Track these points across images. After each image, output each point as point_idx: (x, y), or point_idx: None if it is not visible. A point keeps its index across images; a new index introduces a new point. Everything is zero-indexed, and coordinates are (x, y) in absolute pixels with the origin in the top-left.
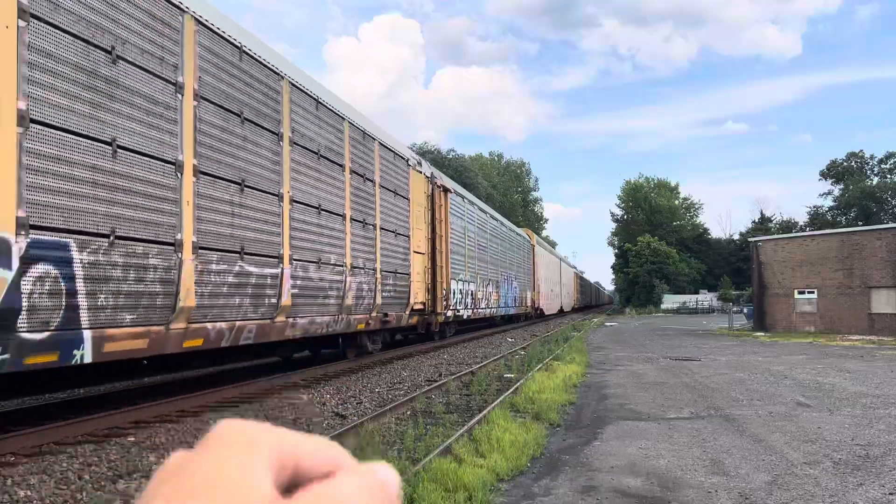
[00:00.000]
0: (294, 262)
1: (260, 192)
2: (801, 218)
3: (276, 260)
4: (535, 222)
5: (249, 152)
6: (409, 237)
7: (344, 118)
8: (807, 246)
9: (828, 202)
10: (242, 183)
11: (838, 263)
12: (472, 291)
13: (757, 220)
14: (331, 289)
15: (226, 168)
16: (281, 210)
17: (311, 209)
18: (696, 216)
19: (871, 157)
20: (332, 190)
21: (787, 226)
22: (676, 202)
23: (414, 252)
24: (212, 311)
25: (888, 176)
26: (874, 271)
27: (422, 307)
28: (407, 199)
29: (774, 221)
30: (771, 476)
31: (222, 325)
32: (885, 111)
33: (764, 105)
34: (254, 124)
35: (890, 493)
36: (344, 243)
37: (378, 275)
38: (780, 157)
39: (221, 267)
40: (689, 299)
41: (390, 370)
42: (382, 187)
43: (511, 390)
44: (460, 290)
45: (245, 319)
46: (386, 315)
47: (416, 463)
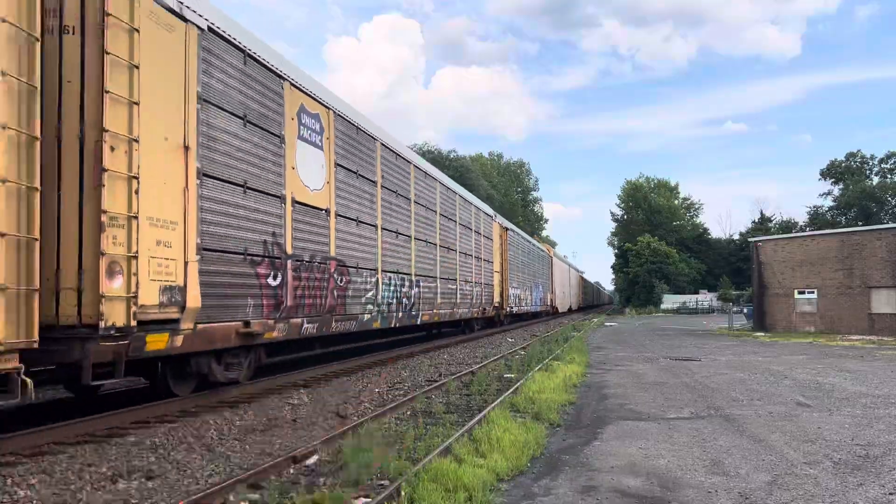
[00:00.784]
0: (459, 281)
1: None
2: (801, 218)
3: (456, 280)
4: (535, 222)
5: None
6: (492, 262)
7: (457, 193)
8: (807, 246)
9: (828, 202)
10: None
11: (838, 263)
12: (518, 295)
13: (757, 220)
14: (469, 297)
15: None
16: (456, 251)
17: (462, 254)
18: (696, 216)
19: (872, 157)
20: (466, 238)
21: (787, 226)
22: (676, 202)
23: (494, 271)
24: (430, 309)
25: (889, 176)
26: (874, 271)
27: (498, 305)
28: (491, 239)
29: (774, 221)
30: (771, 476)
31: (442, 312)
32: (885, 111)
33: (763, 105)
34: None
35: (890, 493)
36: (471, 269)
37: (482, 286)
38: (779, 157)
39: (430, 285)
40: (689, 299)
41: (390, 370)
42: (484, 236)
43: (511, 390)
44: (513, 294)
45: (442, 310)
46: (484, 310)
47: (416, 463)
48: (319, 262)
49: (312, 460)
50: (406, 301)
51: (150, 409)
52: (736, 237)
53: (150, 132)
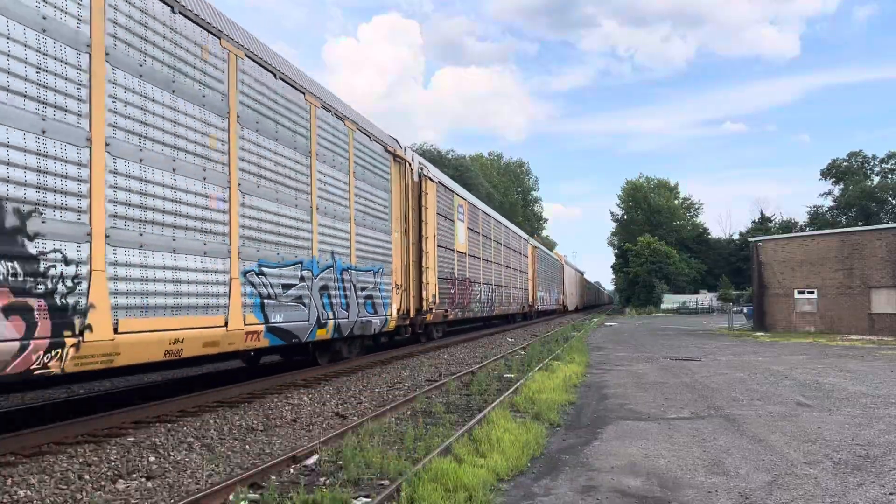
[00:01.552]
0: (511, 287)
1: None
2: (801, 218)
3: (509, 287)
4: (535, 222)
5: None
6: (527, 272)
7: (510, 228)
8: (807, 246)
9: (828, 202)
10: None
11: (838, 263)
12: (543, 296)
13: (757, 220)
14: (514, 298)
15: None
16: (510, 267)
17: (512, 269)
18: (696, 216)
19: (873, 157)
20: (514, 258)
21: (787, 226)
22: (676, 202)
23: (528, 279)
24: (499, 306)
25: (889, 176)
26: (874, 271)
27: (530, 304)
28: (526, 256)
29: (774, 221)
30: (771, 476)
31: (503, 308)
32: (884, 111)
33: (762, 105)
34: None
35: (890, 494)
36: (517, 279)
37: (521, 290)
38: (779, 157)
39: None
40: (689, 299)
41: (390, 370)
42: (521, 254)
43: (511, 390)
44: (539, 295)
45: (503, 307)
46: (523, 307)
47: (416, 463)
48: (461, 279)
49: (312, 460)
50: (489, 301)
51: (150, 409)
52: (736, 237)
53: (431, 235)
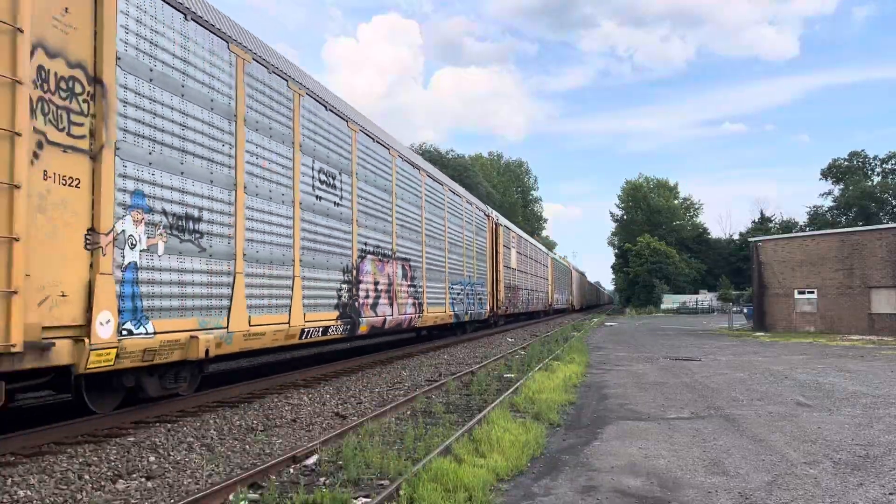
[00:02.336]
0: (538, 291)
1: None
2: (801, 218)
3: (538, 290)
4: (535, 222)
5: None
6: (547, 279)
7: (541, 248)
8: (807, 246)
9: (828, 202)
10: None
11: (838, 263)
12: (557, 297)
13: (757, 220)
14: (539, 299)
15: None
16: (538, 276)
17: (539, 277)
18: (696, 216)
19: (874, 158)
20: (541, 268)
21: (787, 226)
22: (676, 202)
23: (548, 284)
24: (533, 305)
25: (890, 176)
26: (874, 271)
27: (549, 304)
28: (546, 266)
29: (774, 221)
30: (771, 476)
31: (533, 306)
32: (884, 112)
33: (761, 105)
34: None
35: (890, 494)
36: (542, 283)
37: (542, 293)
38: (779, 157)
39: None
40: (689, 299)
41: (390, 370)
42: (542, 265)
43: (511, 390)
44: (555, 297)
45: (533, 305)
46: (544, 306)
47: (416, 463)
48: (513, 287)
49: (312, 460)
50: (527, 301)
51: (150, 409)
52: (736, 237)
53: (500, 260)
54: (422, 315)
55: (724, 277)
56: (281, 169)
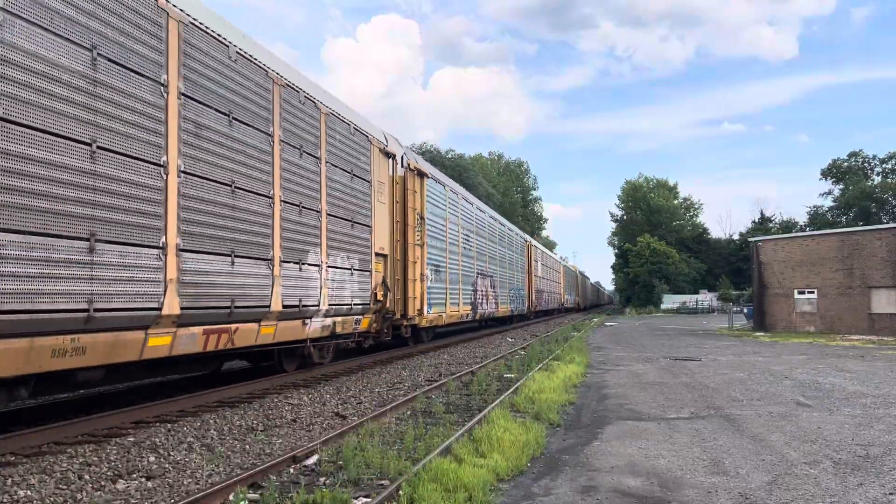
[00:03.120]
0: (554, 293)
1: (548, 280)
2: (801, 218)
3: (553, 292)
4: (535, 222)
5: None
6: (560, 283)
7: (558, 259)
8: (807, 246)
9: (828, 202)
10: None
11: (838, 263)
12: (567, 298)
13: (757, 220)
14: (555, 299)
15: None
16: (553, 280)
17: (554, 282)
18: (696, 216)
19: (873, 158)
20: (556, 273)
21: (788, 226)
22: (676, 202)
23: (560, 287)
24: (552, 304)
25: (890, 176)
26: (874, 271)
27: (561, 303)
28: (560, 273)
29: (774, 221)
30: (771, 476)
31: (550, 304)
32: (883, 111)
33: (760, 106)
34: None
35: (890, 493)
36: (557, 286)
37: (557, 294)
38: (778, 157)
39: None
40: (689, 299)
41: (390, 370)
42: (555, 270)
43: (511, 390)
44: (566, 297)
45: (549, 304)
46: (558, 305)
47: (416, 463)
48: (539, 290)
49: (312, 460)
50: (548, 301)
51: (150, 409)
52: (736, 237)
53: (532, 271)
54: (497, 310)
55: (724, 277)
56: (486, 247)
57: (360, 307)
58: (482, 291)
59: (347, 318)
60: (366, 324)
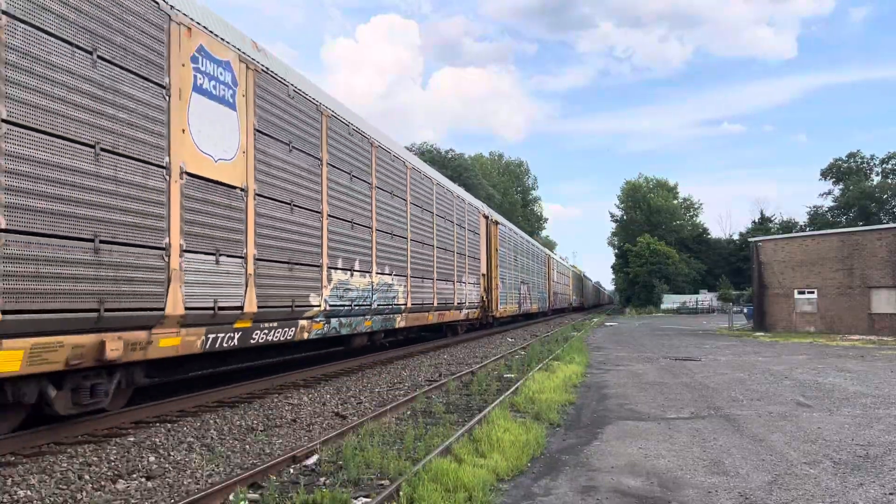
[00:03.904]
0: (562, 294)
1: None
2: (802, 218)
3: (566, 294)
4: (535, 222)
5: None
6: (569, 286)
7: (568, 265)
8: (807, 246)
9: (828, 202)
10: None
11: (838, 263)
12: (574, 298)
13: (757, 220)
14: (565, 299)
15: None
16: (561, 283)
17: (563, 284)
18: (696, 216)
19: (873, 157)
20: (565, 280)
21: (788, 226)
22: (676, 202)
23: (570, 289)
24: (562, 303)
25: (890, 176)
26: (874, 271)
27: (570, 303)
28: (569, 277)
29: (774, 221)
30: (771, 476)
31: (563, 303)
32: (882, 111)
33: (760, 106)
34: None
35: (890, 493)
36: (566, 289)
37: (566, 295)
38: (778, 157)
39: (561, 294)
40: (689, 299)
41: (390, 370)
42: (563, 274)
43: (511, 390)
44: (572, 298)
45: (561, 304)
46: (568, 304)
47: (416, 463)
48: (556, 293)
49: (312, 460)
50: (562, 301)
51: (150, 409)
52: (736, 237)
53: (552, 278)
54: (531, 307)
55: (724, 277)
56: (537, 267)
57: (476, 305)
58: (523, 294)
59: (472, 310)
60: (478, 314)
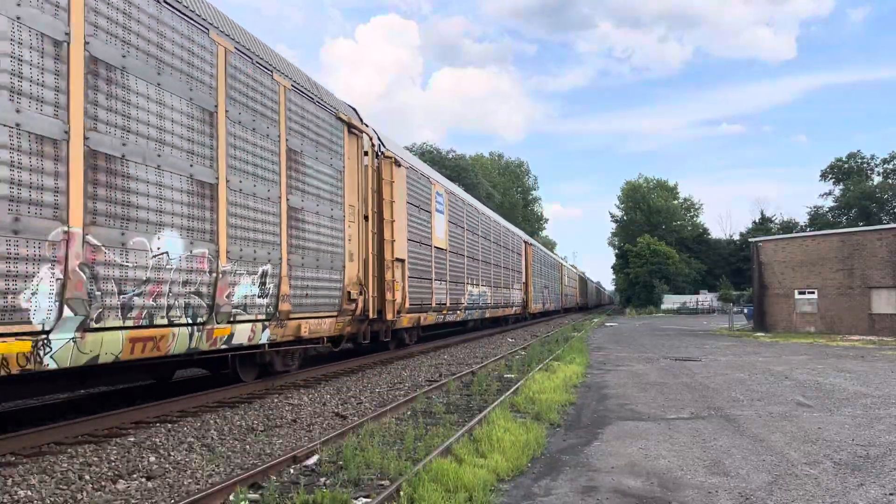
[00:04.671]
0: (570, 295)
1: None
2: (802, 218)
3: (571, 295)
4: (535, 222)
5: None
6: (576, 288)
7: (578, 271)
8: (807, 246)
9: (828, 202)
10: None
11: (838, 263)
12: (578, 298)
13: (757, 221)
14: (572, 300)
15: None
16: (569, 286)
17: (572, 287)
18: (696, 216)
19: (872, 158)
20: (572, 283)
21: (788, 226)
22: (676, 202)
23: (576, 291)
24: (571, 302)
25: (890, 176)
26: (874, 271)
27: (577, 302)
28: (576, 280)
29: (775, 222)
30: (771, 476)
31: (570, 304)
32: (882, 112)
33: (759, 106)
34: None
35: (890, 494)
36: (573, 291)
37: (573, 296)
38: (778, 157)
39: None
40: (690, 299)
41: (390, 370)
42: (570, 277)
43: (511, 390)
44: (577, 298)
45: (571, 303)
46: (573, 304)
47: (416, 463)
48: (564, 294)
49: (312, 460)
50: (569, 301)
51: (150, 409)
52: (736, 237)
53: (564, 280)
54: (550, 307)
55: (724, 278)
56: (551, 273)
57: (519, 304)
58: (546, 296)
59: (518, 308)
60: (521, 311)
